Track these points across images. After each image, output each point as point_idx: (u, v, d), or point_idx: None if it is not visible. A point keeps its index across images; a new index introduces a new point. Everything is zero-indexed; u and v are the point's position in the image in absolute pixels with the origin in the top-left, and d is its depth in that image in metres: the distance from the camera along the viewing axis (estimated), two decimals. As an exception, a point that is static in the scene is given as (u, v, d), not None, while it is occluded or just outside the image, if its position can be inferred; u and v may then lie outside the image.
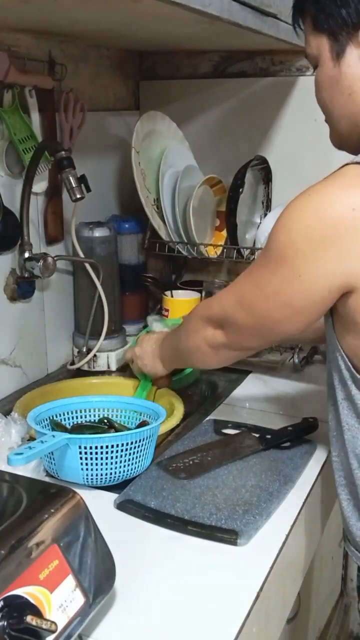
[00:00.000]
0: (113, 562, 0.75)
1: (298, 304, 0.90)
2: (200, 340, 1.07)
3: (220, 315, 1.02)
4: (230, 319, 1.00)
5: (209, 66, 1.71)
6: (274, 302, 0.91)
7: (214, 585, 0.81)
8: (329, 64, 0.91)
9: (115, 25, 1.22)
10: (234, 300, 0.99)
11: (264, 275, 0.91)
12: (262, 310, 0.94)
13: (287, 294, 0.89)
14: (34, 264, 1.33)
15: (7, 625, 0.60)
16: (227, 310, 1.00)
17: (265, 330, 0.97)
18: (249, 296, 0.95)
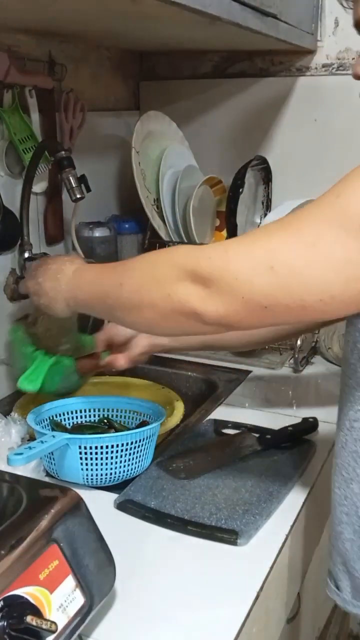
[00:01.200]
0: (113, 562, 0.75)
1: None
2: (163, 297, 0.78)
3: (217, 272, 0.74)
4: (237, 283, 0.72)
5: (209, 66, 1.71)
6: (340, 273, 0.68)
7: (214, 585, 0.81)
8: None
9: (115, 26, 1.22)
10: (257, 258, 0.72)
11: (332, 236, 0.68)
12: (312, 282, 0.69)
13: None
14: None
15: (7, 625, 0.60)
16: (236, 269, 0.72)
17: (295, 308, 0.72)
18: (294, 259, 0.70)
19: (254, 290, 0.71)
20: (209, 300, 0.74)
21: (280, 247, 0.71)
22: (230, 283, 0.72)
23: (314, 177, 1.57)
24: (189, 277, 0.75)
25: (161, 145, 1.58)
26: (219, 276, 0.73)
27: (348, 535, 0.84)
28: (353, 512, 0.83)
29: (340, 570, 0.86)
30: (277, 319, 0.76)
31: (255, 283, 0.71)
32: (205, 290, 0.74)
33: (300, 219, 0.71)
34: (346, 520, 0.84)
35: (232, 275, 0.72)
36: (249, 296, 0.72)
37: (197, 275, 0.75)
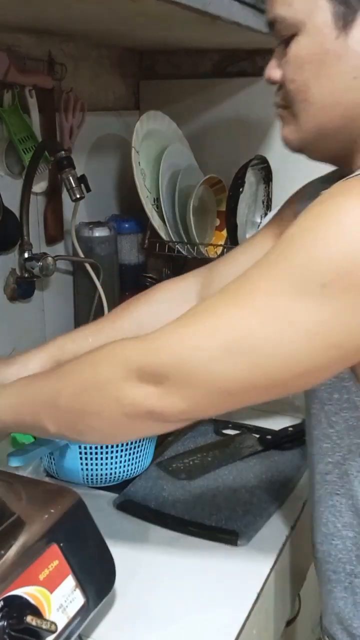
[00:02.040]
0: (113, 562, 0.75)
1: (352, 344, 0.60)
2: (110, 402, 0.67)
3: (166, 367, 0.64)
4: (193, 374, 0.63)
5: (209, 65, 1.70)
6: (314, 344, 0.60)
7: (214, 586, 0.81)
8: (327, 34, 0.67)
9: (115, 25, 1.21)
10: (213, 342, 0.62)
11: (297, 305, 0.59)
12: (283, 357, 0.61)
13: (340, 331, 0.59)
14: (34, 264, 1.33)
15: (7, 626, 0.60)
16: (189, 359, 0.63)
17: (269, 387, 0.63)
18: (257, 335, 0.61)
19: (215, 379, 0.62)
20: (165, 398, 0.64)
21: (235, 323, 0.62)
22: (186, 375, 0.63)
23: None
24: (137, 376, 0.65)
25: (161, 145, 1.58)
26: (171, 370, 0.64)
27: (340, 594, 0.79)
28: (340, 569, 0.79)
29: (338, 630, 0.82)
30: (243, 401, 0.66)
31: (214, 371, 0.62)
32: (159, 388, 0.64)
33: (251, 289, 0.62)
34: (334, 578, 0.80)
35: (187, 367, 0.63)
36: (210, 385, 0.63)
37: (146, 373, 0.65)
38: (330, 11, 0.66)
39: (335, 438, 0.75)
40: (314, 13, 0.67)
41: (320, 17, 0.67)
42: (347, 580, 0.79)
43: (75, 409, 0.70)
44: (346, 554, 0.78)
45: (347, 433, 0.74)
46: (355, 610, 0.79)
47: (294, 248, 0.60)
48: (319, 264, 0.58)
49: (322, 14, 0.66)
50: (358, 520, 0.76)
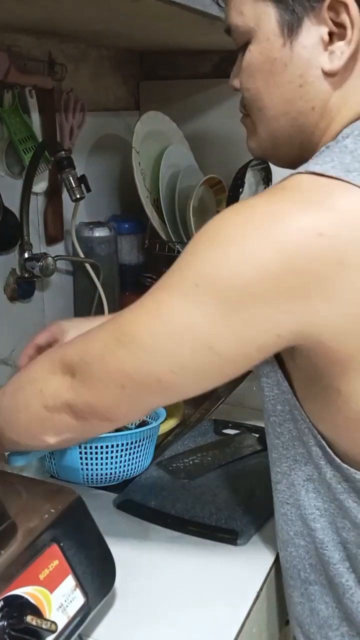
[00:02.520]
0: (113, 562, 0.75)
1: (225, 348, 0.63)
2: (36, 393, 0.73)
3: (76, 357, 0.70)
4: (92, 364, 0.68)
5: (209, 66, 1.71)
6: (184, 339, 0.63)
7: (214, 585, 0.81)
8: (274, 42, 0.67)
9: (115, 25, 1.22)
10: (106, 336, 0.68)
11: (175, 302, 0.63)
12: (157, 349, 0.64)
13: (210, 332, 0.62)
14: (34, 264, 1.33)
15: (7, 625, 0.60)
16: (90, 349, 0.69)
17: (150, 384, 0.66)
18: (137, 328, 0.65)
19: (108, 369, 0.67)
20: (77, 389, 0.70)
21: (126, 322, 0.67)
22: (89, 365, 0.69)
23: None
24: (59, 368, 0.71)
25: (161, 145, 1.58)
26: (79, 360, 0.70)
27: (297, 599, 0.81)
28: (296, 575, 0.80)
29: (299, 633, 0.83)
30: (142, 400, 0.70)
31: (107, 361, 0.67)
32: (73, 379, 0.70)
33: (148, 292, 0.68)
34: (292, 584, 0.81)
35: (89, 357, 0.69)
36: (104, 376, 0.68)
37: (64, 363, 0.71)
38: (277, 19, 0.67)
39: (281, 449, 0.76)
40: (262, 21, 0.68)
41: (268, 25, 0.67)
42: (302, 587, 0.79)
43: (11, 407, 0.76)
44: (300, 562, 0.79)
45: (291, 443, 0.74)
46: (311, 616, 0.79)
47: (183, 254, 0.65)
48: (195, 271, 0.63)
49: (269, 21, 0.67)
50: (307, 529, 0.76)
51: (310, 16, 0.66)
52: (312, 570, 0.78)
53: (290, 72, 0.68)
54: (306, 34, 0.66)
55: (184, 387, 0.68)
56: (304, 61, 0.67)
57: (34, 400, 0.73)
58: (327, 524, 0.74)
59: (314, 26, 0.66)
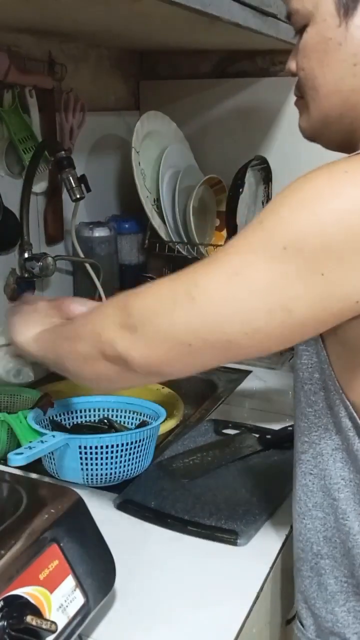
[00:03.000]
0: (113, 562, 0.75)
1: (303, 311, 0.63)
2: (94, 335, 0.74)
3: (139, 310, 0.70)
4: (156, 319, 0.68)
5: (209, 66, 1.71)
6: (262, 302, 0.63)
7: (214, 586, 0.81)
8: (330, 22, 0.70)
9: (115, 25, 1.22)
10: (176, 289, 0.67)
11: (255, 262, 0.63)
12: (232, 311, 0.64)
13: (290, 294, 0.62)
14: (34, 264, 1.33)
15: (7, 625, 0.60)
16: (155, 304, 0.69)
17: (218, 344, 0.66)
18: (213, 286, 0.64)
19: (175, 326, 0.66)
20: (134, 343, 0.69)
21: (201, 278, 0.66)
22: (151, 320, 0.68)
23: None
24: (120, 318, 0.71)
25: (161, 145, 1.58)
26: (141, 314, 0.69)
27: (306, 573, 0.82)
28: (308, 548, 0.81)
29: (303, 608, 0.84)
30: (203, 359, 0.69)
31: (175, 317, 0.66)
32: (131, 333, 0.69)
33: (225, 249, 0.67)
34: (302, 557, 0.82)
35: (152, 311, 0.68)
36: (170, 333, 0.67)
37: (127, 314, 0.70)
38: (334, 1, 0.69)
39: (312, 417, 0.77)
40: (320, 3, 0.70)
41: (325, 7, 0.70)
42: (313, 560, 0.81)
43: (66, 332, 0.80)
44: (314, 534, 0.80)
45: (324, 412, 0.75)
46: (318, 591, 0.81)
47: (263, 218, 0.64)
48: (280, 231, 0.62)
49: (326, 3, 0.70)
50: (328, 501, 0.78)
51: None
52: (326, 543, 0.79)
53: (344, 51, 0.70)
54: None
55: (251, 349, 0.67)
56: (358, 41, 0.69)
57: (92, 338, 0.74)
58: (350, 495, 0.76)
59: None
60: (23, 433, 1.03)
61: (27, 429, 1.03)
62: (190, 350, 0.67)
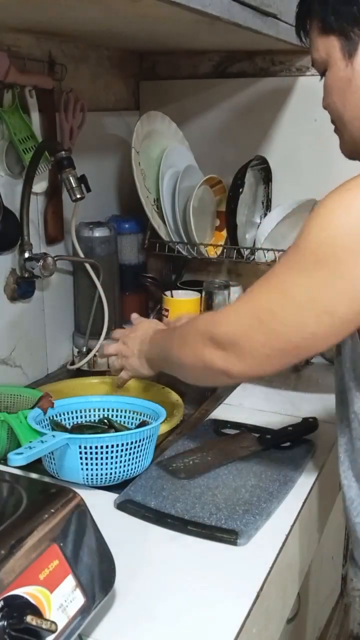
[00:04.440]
0: (113, 562, 0.75)
1: (343, 310, 0.78)
2: (197, 359, 0.93)
3: (226, 336, 0.87)
4: (240, 342, 0.85)
5: (209, 66, 1.71)
6: (310, 311, 0.79)
7: (214, 585, 0.81)
8: (340, 65, 0.87)
9: (115, 25, 1.22)
10: (248, 315, 0.85)
11: (296, 280, 0.79)
12: (291, 324, 0.81)
13: (328, 298, 0.78)
14: (34, 264, 1.33)
15: (7, 625, 0.60)
16: (237, 330, 0.86)
17: (290, 350, 0.83)
18: (273, 307, 0.82)
19: (254, 344, 0.84)
20: (229, 360, 0.87)
21: (261, 299, 0.84)
22: (237, 342, 0.85)
23: (314, 177, 1.57)
24: (211, 343, 0.89)
25: (161, 145, 1.58)
26: (228, 339, 0.86)
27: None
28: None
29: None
30: (284, 361, 0.85)
31: (253, 337, 0.83)
32: (224, 352, 0.87)
33: (273, 269, 0.84)
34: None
35: (236, 335, 0.85)
36: (253, 349, 0.84)
37: (215, 341, 0.88)
38: (340, 47, 0.87)
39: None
40: (330, 51, 0.88)
41: (335, 53, 0.87)
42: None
43: (180, 362, 0.99)
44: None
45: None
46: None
47: (299, 235, 0.80)
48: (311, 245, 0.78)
49: (335, 51, 0.87)
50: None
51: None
52: None
53: (355, 84, 0.87)
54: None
55: (316, 347, 0.83)
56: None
57: (196, 364, 0.93)
58: None
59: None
60: (23, 433, 1.03)
61: (27, 429, 1.03)
62: (271, 358, 0.84)
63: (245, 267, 1.73)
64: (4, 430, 1.06)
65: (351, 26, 0.85)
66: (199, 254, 1.58)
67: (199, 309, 1.61)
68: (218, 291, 1.60)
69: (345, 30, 0.85)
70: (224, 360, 0.88)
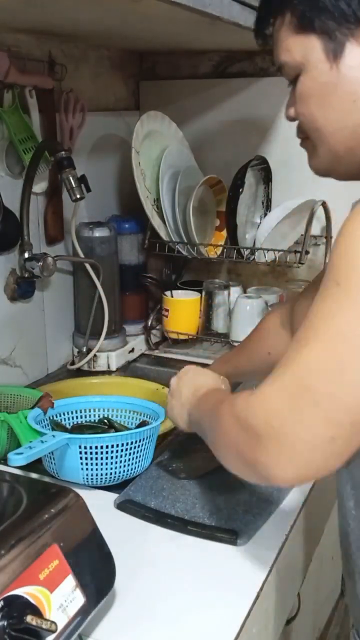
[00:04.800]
0: (113, 562, 0.75)
1: None
2: (231, 446, 0.73)
3: (263, 424, 0.66)
4: (282, 428, 0.64)
5: (209, 66, 1.71)
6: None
7: (214, 585, 0.81)
8: (322, 68, 0.74)
9: (115, 26, 1.22)
10: (291, 386, 0.65)
11: (350, 318, 0.62)
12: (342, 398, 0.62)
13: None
14: (34, 264, 1.33)
15: (7, 625, 0.60)
16: (276, 410, 0.65)
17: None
18: (327, 365, 0.63)
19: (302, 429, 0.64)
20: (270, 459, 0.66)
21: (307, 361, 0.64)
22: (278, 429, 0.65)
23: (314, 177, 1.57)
24: (244, 430, 0.69)
25: (161, 145, 1.58)
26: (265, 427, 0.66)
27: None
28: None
29: None
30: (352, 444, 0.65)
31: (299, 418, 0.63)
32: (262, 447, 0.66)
33: (309, 321, 0.66)
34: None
35: (276, 419, 0.65)
36: (301, 437, 0.64)
37: (249, 428, 0.68)
38: (321, 48, 0.74)
39: None
40: (308, 53, 0.75)
41: (314, 56, 0.75)
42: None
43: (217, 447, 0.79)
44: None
45: None
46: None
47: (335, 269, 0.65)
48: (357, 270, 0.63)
49: (315, 52, 0.74)
50: None
51: (351, 38, 0.72)
52: None
53: (342, 90, 0.75)
54: (349, 55, 0.73)
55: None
56: (352, 79, 0.74)
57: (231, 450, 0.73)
58: None
59: (356, 47, 0.73)
60: (23, 433, 1.03)
61: (27, 429, 1.03)
62: (334, 443, 0.63)
63: (245, 267, 1.73)
64: (4, 430, 1.06)
65: (337, 24, 0.72)
66: (199, 254, 1.58)
67: (198, 308, 1.61)
68: (218, 291, 1.61)
69: (330, 30, 0.73)
70: (264, 457, 0.66)
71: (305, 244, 1.47)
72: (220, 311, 1.60)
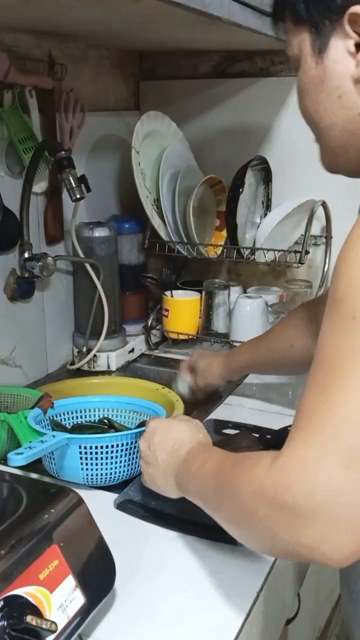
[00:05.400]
0: (113, 562, 0.75)
1: None
2: (261, 528, 0.63)
3: (305, 498, 0.57)
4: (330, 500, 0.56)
5: (209, 66, 1.71)
6: None
7: (214, 586, 0.81)
8: (310, 62, 0.73)
9: (115, 26, 1.22)
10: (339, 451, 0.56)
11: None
12: None
13: None
14: (34, 264, 1.33)
15: (7, 625, 0.60)
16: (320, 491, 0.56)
17: None
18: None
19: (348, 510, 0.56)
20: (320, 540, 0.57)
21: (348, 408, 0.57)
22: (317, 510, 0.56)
23: (314, 177, 1.57)
24: (274, 502, 0.60)
25: (161, 145, 1.58)
26: (299, 505, 0.57)
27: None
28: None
29: None
30: None
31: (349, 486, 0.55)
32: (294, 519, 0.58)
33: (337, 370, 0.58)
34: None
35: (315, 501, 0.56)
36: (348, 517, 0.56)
37: (279, 503, 0.59)
38: (310, 42, 0.73)
39: None
40: (302, 46, 0.74)
41: (305, 49, 0.74)
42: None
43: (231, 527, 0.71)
44: None
45: None
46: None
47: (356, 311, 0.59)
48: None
49: (306, 46, 0.74)
50: None
51: (335, 33, 0.70)
52: None
53: (327, 85, 0.72)
54: (334, 49, 0.71)
55: None
56: (337, 74, 0.71)
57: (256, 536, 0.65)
58: None
59: (340, 41, 0.70)
60: (23, 433, 1.03)
61: (27, 429, 1.03)
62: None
63: (245, 267, 1.73)
64: (4, 430, 1.06)
65: (322, 16, 0.70)
66: (199, 254, 1.58)
67: (198, 308, 1.61)
68: (218, 291, 1.61)
69: (316, 22, 0.71)
70: (308, 538, 0.57)
71: (305, 244, 1.47)
72: (220, 311, 1.61)
